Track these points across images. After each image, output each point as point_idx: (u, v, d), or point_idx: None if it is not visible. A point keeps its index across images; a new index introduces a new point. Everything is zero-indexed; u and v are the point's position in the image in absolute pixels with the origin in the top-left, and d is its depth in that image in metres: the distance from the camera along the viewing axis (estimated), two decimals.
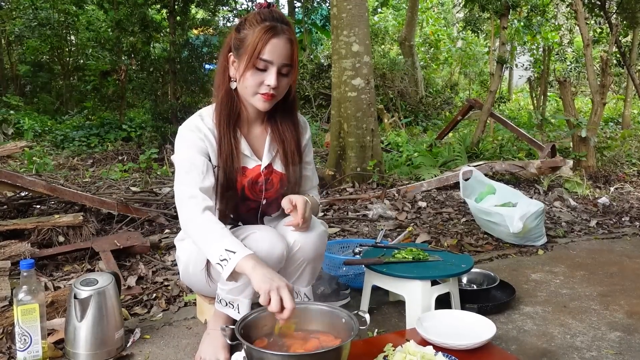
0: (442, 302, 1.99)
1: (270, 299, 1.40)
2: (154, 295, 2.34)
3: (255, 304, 1.61)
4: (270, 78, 1.61)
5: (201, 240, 1.58)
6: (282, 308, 1.41)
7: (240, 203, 1.80)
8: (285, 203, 1.68)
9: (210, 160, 1.70)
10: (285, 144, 1.80)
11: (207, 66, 8.19)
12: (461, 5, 8.64)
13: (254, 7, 1.72)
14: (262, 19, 1.61)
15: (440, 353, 1.51)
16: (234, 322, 1.78)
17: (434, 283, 1.96)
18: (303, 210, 1.66)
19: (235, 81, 1.68)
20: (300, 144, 1.85)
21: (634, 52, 8.53)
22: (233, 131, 1.72)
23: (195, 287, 1.94)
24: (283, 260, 1.69)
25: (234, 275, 1.52)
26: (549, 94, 12.08)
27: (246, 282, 1.64)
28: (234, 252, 1.50)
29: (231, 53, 1.67)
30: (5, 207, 3.25)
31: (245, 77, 1.63)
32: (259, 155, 1.79)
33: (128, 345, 1.88)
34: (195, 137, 1.69)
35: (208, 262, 1.70)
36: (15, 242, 2.60)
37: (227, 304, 1.71)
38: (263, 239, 1.65)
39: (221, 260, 1.51)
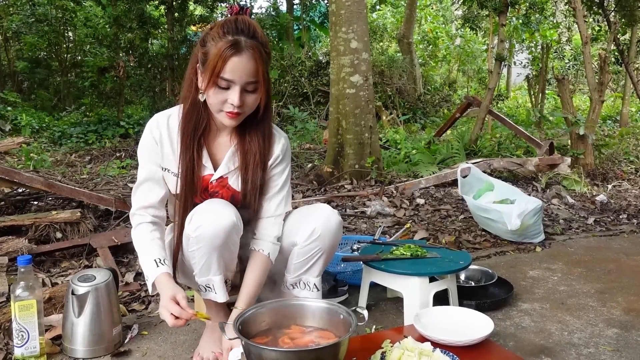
0: (440, 299, 1.99)
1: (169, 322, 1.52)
2: None
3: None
4: (234, 97, 1.55)
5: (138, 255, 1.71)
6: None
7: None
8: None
9: (161, 164, 1.71)
10: (249, 155, 1.71)
11: None
12: (460, 3, 8.63)
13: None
14: (225, 32, 1.53)
15: (438, 349, 1.51)
16: (225, 312, 1.78)
17: (432, 280, 1.96)
18: None
19: (203, 93, 1.62)
20: (267, 158, 1.74)
21: (632, 50, 8.53)
22: (198, 145, 1.69)
23: (186, 282, 1.95)
24: (235, 226, 1.63)
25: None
26: (547, 91, 12.08)
27: (208, 258, 1.64)
28: (148, 278, 1.63)
29: (199, 64, 1.61)
30: (2, 203, 3.25)
31: (209, 94, 1.58)
32: (216, 165, 1.73)
33: (126, 341, 1.88)
34: (151, 141, 1.70)
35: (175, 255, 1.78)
36: (12, 238, 2.60)
37: (205, 289, 1.71)
38: (208, 211, 1.62)
39: (146, 279, 1.65)
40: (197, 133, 1.68)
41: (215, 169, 1.73)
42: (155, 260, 1.62)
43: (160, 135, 1.69)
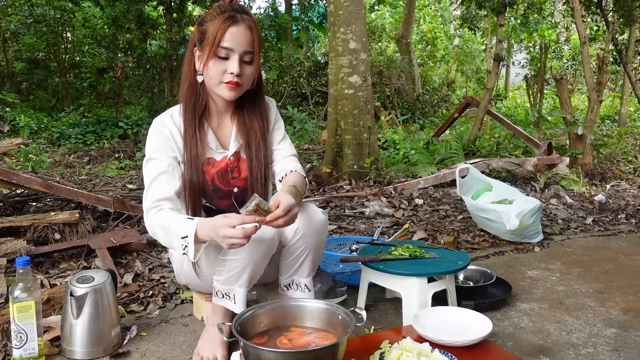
0: (439, 299, 1.99)
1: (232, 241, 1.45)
2: (151, 292, 2.34)
3: (252, 302, 1.61)
4: (233, 65, 1.64)
5: (166, 241, 1.63)
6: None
7: (213, 195, 1.81)
8: (272, 202, 1.62)
9: (177, 157, 1.73)
10: (251, 133, 1.81)
11: None
12: (458, 3, 8.64)
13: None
14: (222, 10, 1.66)
15: (436, 350, 1.51)
16: (232, 318, 1.79)
17: (431, 280, 1.97)
18: (282, 212, 1.52)
19: (202, 75, 1.71)
20: (267, 132, 1.85)
21: (631, 50, 8.54)
22: (199, 123, 1.75)
23: (191, 284, 1.94)
24: (274, 244, 1.68)
25: (197, 252, 1.55)
26: (545, 91, 12.09)
27: (240, 270, 1.65)
28: (186, 236, 1.52)
29: (196, 47, 1.71)
30: (0, 204, 3.24)
31: (209, 66, 1.66)
32: (227, 146, 1.82)
33: (124, 342, 1.88)
34: (161, 136, 1.73)
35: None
36: (11, 240, 2.59)
37: (223, 296, 1.71)
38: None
39: (184, 249, 1.54)
40: (197, 111, 1.75)
41: (225, 150, 1.81)
42: (187, 218, 1.58)
43: (170, 131, 1.74)
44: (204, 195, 1.81)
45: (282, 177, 1.81)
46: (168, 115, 1.77)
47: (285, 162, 1.86)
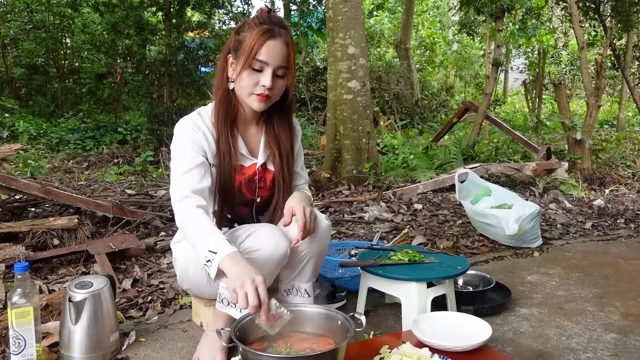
0: (438, 304, 1.99)
1: (237, 297, 1.38)
2: (150, 298, 2.34)
3: None
4: (266, 79, 1.65)
5: (192, 239, 1.58)
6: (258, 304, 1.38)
7: (237, 201, 1.82)
8: (285, 211, 1.69)
9: (207, 158, 1.72)
10: (281, 145, 1.83)
11: (203, 69, 8.19)
12: (457, 8, 8.66)
13: (249, 11, 1.76)
14: (261, 22, 1.67)
15: (436, 355, 1.51)
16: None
17: (430, 285, 1.96)
18: (303, 221, 1.64)
19: (233, 82, 1.71)
20: (294, 147, 1.89)
21: (629, 55, 8.57)
22: (230, 129, 1.76)
23: (195, 289, 1.93)
24: (286, 257, 1.70)
25: (220, 275, 1.50)
26: (544, 96, 12.10)
27: None
28: (216, 253, 1.48)
29: (230, 54, 1.72)
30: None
31: (242, 77, 1.66)
32: (254, 154, 1.83)
33: (123, 348, 1.87)
34: (194, 135, 1.72)
35: None
36: (9, 245, 2.59)
37: (229, 303, 1.71)
38: (267, 236, 1.66)
39: (206, 262, 1.50)
40: (228, 118, 1.75)
41: (253, 157, 1.82)
42: (227, 240, 1.53)
43: (204, 134, 1.73)
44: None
45: None
46: (197, 116, 1.76)
47: (302, 187, 1.93)
